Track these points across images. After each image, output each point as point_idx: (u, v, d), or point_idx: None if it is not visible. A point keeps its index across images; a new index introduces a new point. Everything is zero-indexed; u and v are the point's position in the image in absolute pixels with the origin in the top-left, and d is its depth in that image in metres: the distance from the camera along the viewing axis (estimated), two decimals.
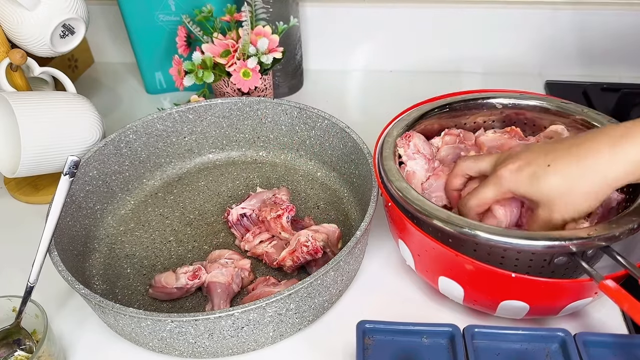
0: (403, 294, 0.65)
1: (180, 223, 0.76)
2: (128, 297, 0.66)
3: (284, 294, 0.53)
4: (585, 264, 0.51)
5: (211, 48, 0.84)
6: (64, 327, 0.63)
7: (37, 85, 0.90)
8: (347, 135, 0.74)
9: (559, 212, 0.51)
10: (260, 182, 0.82)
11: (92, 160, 0.73)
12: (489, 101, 0.70)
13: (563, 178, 0.49)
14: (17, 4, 0.73)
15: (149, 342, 0.57)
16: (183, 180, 0.83)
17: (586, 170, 0.49)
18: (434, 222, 0.54)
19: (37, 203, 0.81)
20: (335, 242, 0.66)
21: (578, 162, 0.49)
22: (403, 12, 1.02)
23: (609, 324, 0.60)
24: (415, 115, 0.68)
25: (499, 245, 0.52)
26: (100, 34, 1.13)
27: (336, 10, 1.03)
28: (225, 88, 0.86)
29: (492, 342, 0.53)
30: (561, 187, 0.49)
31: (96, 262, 0.70)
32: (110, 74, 1.15)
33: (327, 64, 1.09)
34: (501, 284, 0.53)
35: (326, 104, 0.84)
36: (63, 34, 0.78)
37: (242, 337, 0.56)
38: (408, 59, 1.07)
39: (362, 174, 0.72)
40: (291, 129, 0.82)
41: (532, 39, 1.01)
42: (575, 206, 0.50)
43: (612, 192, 0.50)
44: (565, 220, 0.51)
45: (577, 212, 0.50)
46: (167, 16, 0.96)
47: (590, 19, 0.98)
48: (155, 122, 0.79)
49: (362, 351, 0.52)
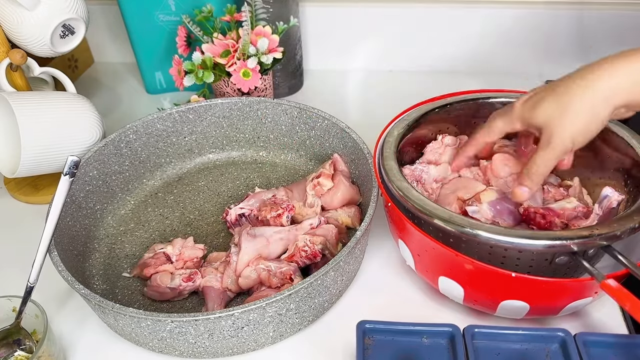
0: (403, 294, 0.65)
1: (180, 223, 0.76)
2: (128, 297, 0.66)
3: (284, 294, 0.53)
4: (587, 263, 0.51)
5: (211, 48, 0.84)
6: (64, 327, 0.63)
7: (37, 85, 0.90)
8: (347, 135, 0.74)
9: (558, 135, 0.51)
10: (260, 182, 0.82)
11: (92, 160, 0.73)
12: (489, 101, 0.70)
13: (557, 101, 0.52)
14: (17, 4, 0.73)
15: (149, 342, 0.57)
16: (183, 180, 0.83)
17: (586, 83, 0.50)
18: (435, 221, 0.54)
19: (37, 203, 0.81)
20: (334, 243, 0.66)
21: (579, 80, 0.51)
22: (403, 12, 1.02)
23: (609, 324, 0.60)
24: (415, 115, 0.68)
25: (500, 245, 0.52)
26: (100, 34, 1.13)
27: (336, 10, 1.03)
28: (225, 88, 0.86)
29: (492, 342, 0.53)
30: (556, 109, 0.51)
31: (96, 262, 0.70)
32: (110, 74, 1.15)
33: (327, 64, 1.09)
34: (501, 284, 0.53)
35: (326, 104, 0.83)
36: (63, 34, 0.78)
37: (242, 337, 0.56)
38: (408, 59, 1.07)
39: (362, 174, 0.72)
40: (291, 129, 0.82)
41: (532, 39, 1.01)
42: (573, 126, 0.51)
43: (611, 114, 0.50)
44: (564, 144, 0.51)
45: (575, 133, 0.51)
46: (167, 16, 0.96)
47: (590, 18, 0.98)
48: (155, 122, 0.79)
49: (362, 351, 0.52)
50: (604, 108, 0.50)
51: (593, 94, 0.50)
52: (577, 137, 0.51)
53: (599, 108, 0.50)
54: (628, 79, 0.49)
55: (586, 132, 0.51)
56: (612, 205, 0.58)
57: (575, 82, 0.51)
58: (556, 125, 0.51)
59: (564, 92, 0.51)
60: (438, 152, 0.69)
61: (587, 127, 0.51)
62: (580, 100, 0.50)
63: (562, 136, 0.51)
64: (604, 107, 0.50)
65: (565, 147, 0.52)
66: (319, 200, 0.71)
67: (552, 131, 0.52)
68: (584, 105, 0.50)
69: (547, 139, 0.52)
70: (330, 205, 0.71)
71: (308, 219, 0.68)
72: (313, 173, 0.74)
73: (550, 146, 0.52)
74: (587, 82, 0.50)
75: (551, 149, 0.52)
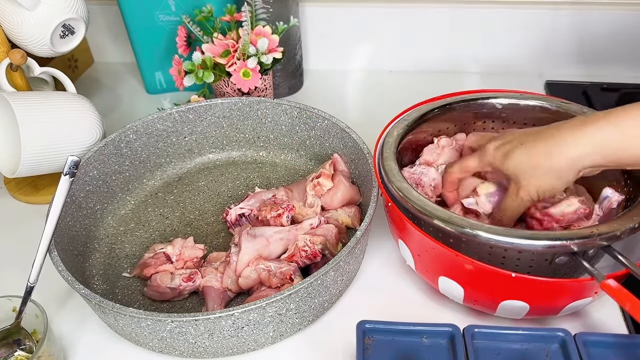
0: (403, 294, 0.65)
1: (180, 223, 0.76)
2: (128, 297, 0.66)
3: (284, 294, 0.53)
4: (587, 264, 0.51)
5: (211, 48, 0.84)
6: (64, 327, 0.63)
7: (37, 85, 0.90)
8: (347, 135, 0.74)
9: (524, 188, 0.54)
10: (260, 182, 0.82)
11: (92, 160, 0.73)
12: (489, 101, 0.70)
13: (529, 155, 0.54)
14: (17, 4, 0.73)
15: (149, 342, 0.57)
16: (183, 180, 0.83)
17: (550, 149, 0.52)
18: (435, 222, 0.54)
19: (37, 203, 0.81)
20: (334, 243, 0.66)
21: (545, 142, 0.53)
22: (403, 12, 1.02)
23: (609, 324, 0.60)
24: (415, 115, 0.68)
25: (500, 245, 0.52)
26: (100, 34, 1.13)
27: (336, 10, 1.03)
28: (225, 88, 0.86)
29: (492, 342, 0.53)
30: (527, 163, 0.54)
31: (96, 262, 0.70)
32: (110, 74, 1.15)
33: (327, 64, 1.09)
34: (501, 284, 0.53)
35: (326, 104, 0.83)
36: (63, 34, 0.78)
37: (242, 337, 0.56)
38: (408, 59, 1.07)
39: (362, 174, 0.72)
40: (291, 129, 0.82)
41: (532, 39, 1.01)
42: (540, 182, 0.53)
43: (576, 176, 0.52)
44: (530, 196, 0.54)
45: (541, 189, 0.54)
46: (167, 16, 0.96)
47: (590, 19, 0.98)
48: (156, 122, 0.79)
49: (362, 351, 0.52)
50: (568, 173, 0.52)
51: (559, 160, 0.52)
52: (543, 192, 0.54)
53: (563, 173, 0.52)
54: (592, 149, 0.51)
55: (552, 189, 0.54)
56: (612, 206, 0.58)
57: (544, 142, 0.53)
58: (523, 179, 0.54)
59: (532, 146, 0.54)
60: (436, 152, 0.69)
61: (552, 186, 0.53)
62: (547, 161, 0.52)
63: (529, 190, 0.54)
64: (567, 173, 0.52)
65: (532, 198, 0.55)
66: (319, 200, 0.71)
67: (519, 184, 0.55)
68: (551, 167, 0.52)
69: (515, 190, 0.55)
70: (330, 205, 0.71)
71: (308, 219, 0.68)
72: (313, 173, 0.74)
73: (518, 197, 0.55)
74: (552, 147, 0.52)
75: (519, 199, 0.55)
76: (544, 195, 0.54)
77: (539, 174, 0.53)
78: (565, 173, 0.52)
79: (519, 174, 0.54)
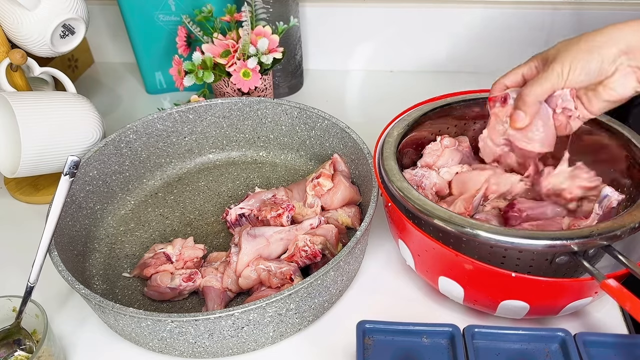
0: (403, 294, 0.65)
1: (180, 223, 0.76)
2: (128, 297, 0.66)
3: (284, 294, 0.53)
4: (587, 263, 0.51)
5: (211, 48, 0.84)
6: (64, 327, 0.63)
7: (37, 85, 0.90)
8: (347, 135, 0.74)
9: (559, 60, 0.54)
10: (260, 182, 0.82)
11: (92, 160, 0.73)
12: None
13: (569, 40, 0.55)
14: (17, 4, 0.73)
15: (149, 342, 0.57)
16: (183, 180, 0.83)
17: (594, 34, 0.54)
18: (435, 221, 0.54)
19: (37, 203, 0.81)
20: (334, 243, 0.66)
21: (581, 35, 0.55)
22: (403, 12, 1.02)
23: (609, 324, 0.60)
24: (415, 115, 0.68)
25: (500, 245, 0.52)
26: (100, 34, 1.13)
27: (336, 10, 1.03)
28: (225, 88, 0.86)
29: (492, 342, 0.53)
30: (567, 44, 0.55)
31: (96, 262, 0.70)
32: (110, 74, 1.15)
33: (327, 64, 1.09)
34: (501, 284, 0.53)
35: (326, 104, 0.84)
36: (63, 34, 0.78)
37: (242, 337, 0.56)
38: (408, 59, 1.07)
39: (362, 174, 0.72)
40: (291, 129, 0.82)
41: (532, 39, 1.01)
42: (575, 56, 0.54)
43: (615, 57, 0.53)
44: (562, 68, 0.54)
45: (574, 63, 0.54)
46: (167, 16, 0.96)
47: (590, 19, 0.98)
48: (156, 122, 0.79)
49: (362, 351, 0.52)
50: (608, 49, 0.52)
51: (601, 35, 0.53)
52: (575, 67, 0.54)
53: (603, 45, 0.53)
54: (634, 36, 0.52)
55: (584, 66, 0.54)
56: (612, 205, 0.58)
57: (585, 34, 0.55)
58: (560, 52, 0.55)
59: (575, 37, 0.55)
60: (436, 153, 0.69)
61: (587, 61, 0.53)
62: (589, 39, 0.53)
63: (563, 62, 0.54)
64: (607, 47, 0.53)
65: (562, 71, 0.54)
66: (318, 200, 0.71)
67: (555, 57, 0.55)
68: (593, 42, 0.53)
69: (549, 64, 0.55)
70: (330, 205, 0.71)
71: (308, 219, 0.68)
72: (313, 173, 0.74)
73: (548, 70, 0.55)
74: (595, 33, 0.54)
75: (550, 70, 0.55)
76: (575, 71, 0.54)
77: (577, 49, 0.53)
78: (605, 45, 0.53)
79: (558, 52, 0.55)
